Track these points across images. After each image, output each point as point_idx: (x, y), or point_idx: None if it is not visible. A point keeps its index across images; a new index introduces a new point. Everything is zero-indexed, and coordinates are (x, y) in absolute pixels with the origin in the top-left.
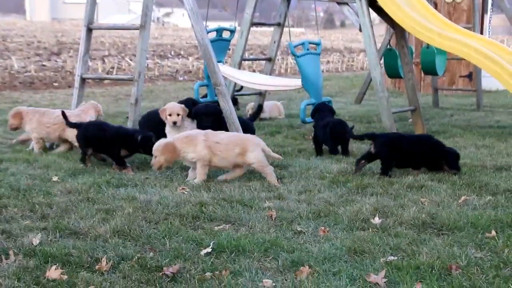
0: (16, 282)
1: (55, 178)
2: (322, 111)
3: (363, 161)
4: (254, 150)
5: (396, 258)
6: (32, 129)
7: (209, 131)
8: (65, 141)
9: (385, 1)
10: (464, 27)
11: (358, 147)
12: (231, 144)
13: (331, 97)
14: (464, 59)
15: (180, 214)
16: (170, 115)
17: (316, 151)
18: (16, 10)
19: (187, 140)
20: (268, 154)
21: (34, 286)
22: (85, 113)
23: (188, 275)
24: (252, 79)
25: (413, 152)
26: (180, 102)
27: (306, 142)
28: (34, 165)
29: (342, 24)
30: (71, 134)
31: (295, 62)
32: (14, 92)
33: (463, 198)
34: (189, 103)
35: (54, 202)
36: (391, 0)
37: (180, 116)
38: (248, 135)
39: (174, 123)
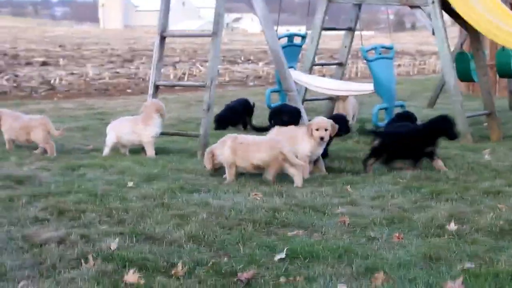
0: (95, 285)
1: (130, 184)
2: (396, 118)
3: None
4: (264, 152)
5: (473, 265)
6: (4, 130)
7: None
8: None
9: (458, 3)
10: None
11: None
12: (251, 145)
13: (403, 101)
14: None
15: (253, 219)
16: (317, 129)
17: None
18: (90, 18)
19: (219, 143)
20: (288, 158)
21: None
22: (147, 117)
23: (262, 281)
24: (324, 84)
25: None
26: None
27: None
28: (110, 170)
29: (413, 27)
30: (38, 136)
31: (366, 66)
32: (89, 99)
33: None
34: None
35: (130, 207)
36: (465, 2)
37: (328, 132)
38: (272, 138)
39: (322, 138)
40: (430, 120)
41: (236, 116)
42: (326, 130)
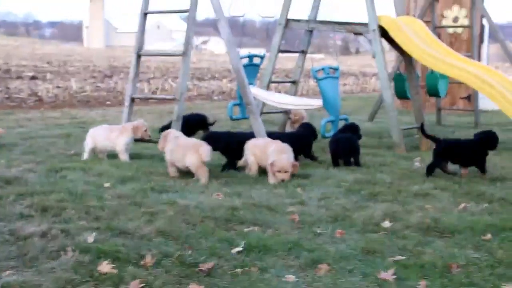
0: (74, 274)
1: (106, 185)
2: (343, 129)
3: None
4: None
5: (403, 257)
6: None
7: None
8: None
9: (395, 32)
10: (464, 55)
11: (369, 159)
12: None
13: (347, 115)
14: (464, 83)
15: (215, 217)
16: (279, 171)
17: (333, 162)
18: (75, 38)
19: None
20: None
21: (89, 278)
22: (124, 129)
23: (221, 271)
24: (279, 99)
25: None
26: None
27: (324, 155)
28: (89, 173)
29: (357, 51)
30: None
31: (316, 84)
32: (72, 110)
33: (462, 205)
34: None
35: (106, 205)
36: (401, 31)
37: (288, 173)
38: (197, 141)
39: (282, 180)
40: (482, 134)
41: (183, 129)
42: (286, 172)
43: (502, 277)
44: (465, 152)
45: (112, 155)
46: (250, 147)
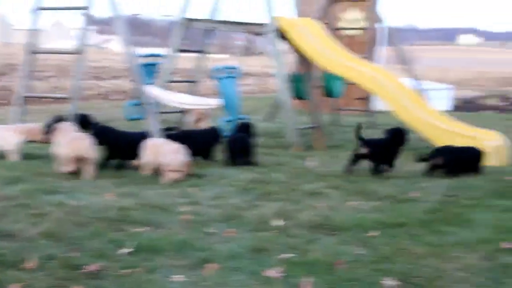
0: None
1: None
2: (237, 128)
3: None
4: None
5: (292, 255)
6: None
7: None
8: None
9: (293, 34)
10: (361, 57)
11: (266, 159)
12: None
13: (247, 115)
14: (359, 84)
15: (106, 218)
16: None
17: (228, 162)
18: None
19: None
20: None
21: None
22: (16, 129)
23: (107, 272)
24: (178, 99)
25: None
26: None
27: (219, 154)
28: None
29: (260, 52)
30: None
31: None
32: None
33: (352, 202)
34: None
35: None
36: (298, 32)
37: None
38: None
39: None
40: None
41: None
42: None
43: (384, 272)
44: (380, 151)
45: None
46: (146, 147)
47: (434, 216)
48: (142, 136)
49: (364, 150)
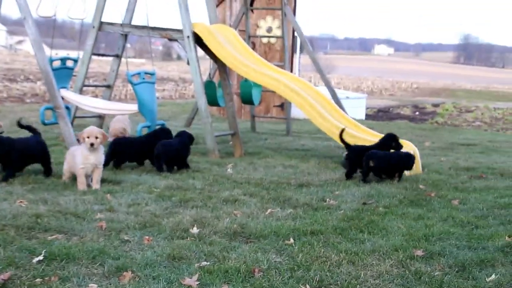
0: None
1: None
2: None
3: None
4: None
5: (208, 263)
6: None
7: None
8: None
9: (209, 39)
10: (277, 65)
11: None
12: None
13: (165, 120)
14: (275, 92)
15: (16, 225)
16: (88, 137)
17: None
18: None
19: None
20: None
21: None
22: None
23: (19, 282)
24: (93, 103)
25: None
26: None
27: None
28: None
29: (178, 57)
30: None
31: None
32: None
33: (269, 210)
34: None
35: None
36: (215, 39)
37: (98, 139)
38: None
39: (92, 144)
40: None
41: None
42: (96, 138)
43: (300, 280)
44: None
45: None
46: (67, 154)
47: (350, 223)
48: (36, 141)
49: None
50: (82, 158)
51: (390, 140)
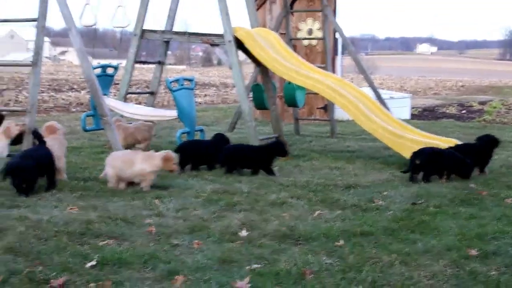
0: None
1: None
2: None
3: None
4: None
5: (259, 265)
6: None
7: None
8: None
9: (251, 43)
10: (319, 67)
11: None
12: None
13: (207, 126)
14: (319, 94)
15: (68, 231)
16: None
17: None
18: None
19: None
20: None
21: None
22: None
23: (73, 286)
24: (134, 110)
25: None
26: None
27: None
28: None
29: (219, 63)
30: None
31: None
32: None
33: (317, 212)
34: None
35: None
36: (256, 42)
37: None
38: None
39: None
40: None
41: None
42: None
43: (352, 281)
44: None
45: None
46: (109, 160)
47: (400, 224)
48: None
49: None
50: (152, 164)
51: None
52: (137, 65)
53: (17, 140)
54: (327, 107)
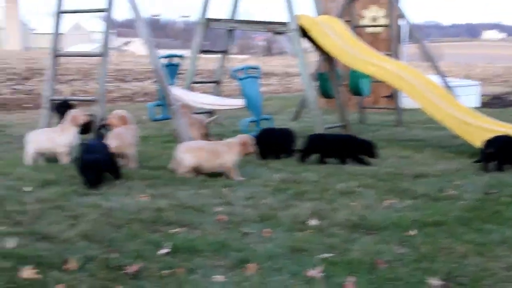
0: None
1: (28, 188)
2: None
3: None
4: None
5: (331, 254)
6: None
7: None
8: None
9: (315, 32)
10: (384, 54)
11: (295, 159)
12: None
13: (272, 115)
14: (385, 82)
15: (140, 219)
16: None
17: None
18: None
19: None
20: None
21: (10, 285)
22: (63, 127)
23: (148, 273)
24: (201, 100)
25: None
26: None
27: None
28: (9, 177)
29: (281, 51)
30: None
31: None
32: None
33: (387, 201)
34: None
35: (27, 210)
36: (321, 30)
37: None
38: None
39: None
40: None
41: None
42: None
43: (426, 271)
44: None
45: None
46: (191, 150)
47: (473, 214)
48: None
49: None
50: (235, 151)
51: None
52: (201, 55)
53: (83, 129)
54: (393, 96)
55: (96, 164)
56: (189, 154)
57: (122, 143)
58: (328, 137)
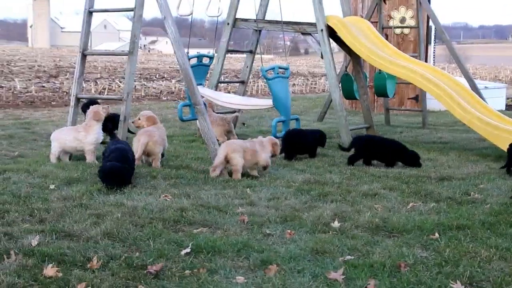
0: (16, 279)
1: (52, 186)
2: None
3: None
4: None
5: (352, 257)
6: None
7: None
8: None
9: (343, 32)
10: (411, 56)
11: (318, 160)
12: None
13: (297, 115)
14: (411, 83)
15: (163, 218)
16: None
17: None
18: (19, 38)
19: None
20: None
21: (33, 282)
22: (88, 125)
23: (169, 273)
24: (228, 100)
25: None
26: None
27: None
28: (34, 174)
29: (306, 52)
30: None
31: (266, 84)
32: (16, 110)
33: (411, 204)
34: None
35: (51, 207)
36: (349, 31)
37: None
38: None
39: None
40: None
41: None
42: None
43: (449, 275)
44: None
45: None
46: (233, 149)
47: (498, 218)
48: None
49: None
50: (268, 150)
51: None
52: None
53: (108, 126)
54: (419, 97)
55: (118, 173)
56: (237, 154)
57: (151, 141)
58: (377, 139)
